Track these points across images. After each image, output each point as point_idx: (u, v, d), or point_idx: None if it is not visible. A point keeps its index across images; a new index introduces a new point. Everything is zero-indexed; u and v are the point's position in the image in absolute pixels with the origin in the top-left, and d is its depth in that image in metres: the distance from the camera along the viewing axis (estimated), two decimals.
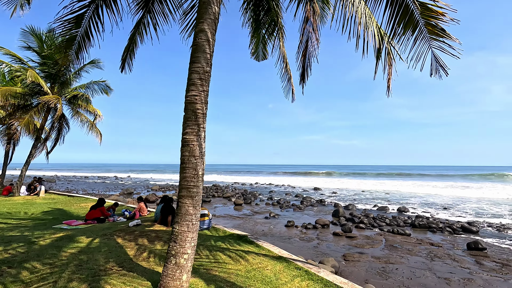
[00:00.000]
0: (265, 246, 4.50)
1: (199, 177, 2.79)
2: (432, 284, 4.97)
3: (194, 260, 3.44)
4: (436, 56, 3.20)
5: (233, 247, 4.35)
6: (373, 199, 17.37)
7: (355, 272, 5.56)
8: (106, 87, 14.58)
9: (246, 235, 5.01)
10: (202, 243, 4.59)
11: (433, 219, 10.67)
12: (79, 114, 14.76)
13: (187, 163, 2.76)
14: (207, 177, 45.17)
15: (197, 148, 2.77)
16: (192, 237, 2.68)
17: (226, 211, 12.86)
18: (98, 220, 6.45)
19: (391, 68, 3.79)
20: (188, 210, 2.68)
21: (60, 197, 12.23)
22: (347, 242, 7.75)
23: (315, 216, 11.63)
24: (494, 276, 5.31)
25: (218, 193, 19.65)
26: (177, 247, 2.61)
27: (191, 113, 2.80)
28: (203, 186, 2.85)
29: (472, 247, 6.90)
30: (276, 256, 3.99)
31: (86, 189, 23.85)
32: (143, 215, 7.54)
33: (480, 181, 32.80)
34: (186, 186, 2.75)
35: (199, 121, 2.81)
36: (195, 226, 2.72)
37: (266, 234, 8.60)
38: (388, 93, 3.85)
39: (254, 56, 6.18)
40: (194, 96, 2.81)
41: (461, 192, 19.88)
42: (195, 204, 2.73)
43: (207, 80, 2.91)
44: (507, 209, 12.68)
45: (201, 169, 2.81)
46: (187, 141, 2.78)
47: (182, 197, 2.74)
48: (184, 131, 2.82)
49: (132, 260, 3.56)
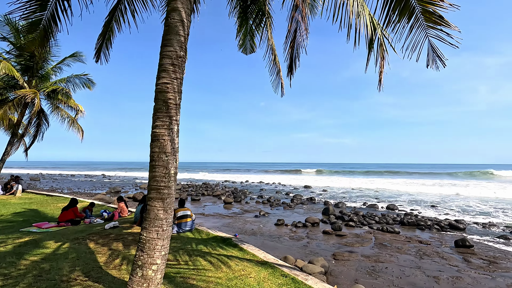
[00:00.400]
0: (249, 250, 4.25)
1: (171, 177, 2.47)
2: (422, 283, 4.90)
3: (171, 267, 3.14)
4: (433, 45, 3.00)
5: (216, 252, 4.07)
6: (363, 196, 17.49)
7: (345, 271, 5.43)
8: (88, 80, 13.82)
9: (230, 237, 4.74)
10: (183, 247, 4.30)
11: (421, 216, 10.76)
12: (59, 110, 13.96)
13: (157, 160, 2.43)
14: (197, 176, 44.53)
15: (169, 144, 2.44)
16: (163, 245, 2.36)
17: (215, 210, 12.56)
18: (72, 222, 5.97)
19: (384, 61, 3.58)
20: (158, 214, 2.36)
21: (38, 197, 11.52)
22: (337, 240, 7.65)
23: (305, 214, 11.51)
24: (482, 273, 5.30)
25: (208, 191, 19.27)
26: (145, 256, 2.28)
27: (162, 104, 2.47)
28: (176, 186, 2.51)
29: (459, 244, 6.93)
30: (261, 261, 3.73)
31: (72, 187, 22.91)
32: (124, 216, 7.11)
33: (466, 178, 33.89)
34: (156, 186, 2.42)
35: (171, 112, 2.48)
36: (166, 232, 2.40)
37: (255, 233, 8.39)
38: (380, 86, 3.64)
39: (241, 49, 5.87)
40: (165, 84, 2.47)
41: (448, 189, 20.34)
42: (166, 207, 2.41)
43: (181, 66, 2.57)
44: (492, 206, 13.00)
45: (174, 168, 2.49)
46: (157, 135, 2.45)
47: (152, 199, 2.42)
48: (154, 124, 2.48)
49: (101, 268, 3.20)
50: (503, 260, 6.01)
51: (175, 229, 5.65)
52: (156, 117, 2.48)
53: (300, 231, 8.61)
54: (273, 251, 6.60)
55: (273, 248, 6.86)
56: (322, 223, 9.73)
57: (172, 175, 2.48)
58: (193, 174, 48.00)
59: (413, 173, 45.34)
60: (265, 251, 6.60)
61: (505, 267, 5.59)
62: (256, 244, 7.16)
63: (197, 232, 5.60)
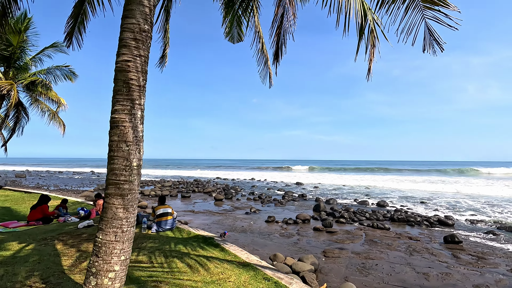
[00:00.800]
0: (231, 251, 3.98)
1: (133, 170, 2.15)
2: (412, 280, 4.82)
3: (143, 270, 2.84)
4: (430, 28, 2.77)
5: (195, 252, 3.79)
6: (354, 193, 17.54)
7: (335, 269, 5.29)
8: (70, 72, 13.04)
9: (212, 237, 4.46)
10: (160, 247, 4.01)
11: (411, 213, 10.80)
12: (39, 102, 13.20)
13: (116, 150, 2.11)
14: (188, 172, 43.95)
15: (130, 131, 2.12)
16: (122, 249, 2.05)
17: (205, 207, 12.30)
18: (44, 220, 5.52)
19: (374, 49, 3.35)
20: (117, 213, 2.04)
21: (16, 194, 10.90)
22: (327, 237, 7.54)
23: (296, 211, 11.38)
24: (471, 269, 5.26)
25: (199, 188, 18.94)
26: (100, 262, 1.96)
27: (122, 85, 2.13)
28: (139, 181, 2.18)
29: (448, 240, 6.92)
30: (243, 262, 3.45)
31: (59, 184, 22.12)
32: None
33: (454, 175, 34.75)
34: (115, 181, 2.10)
35: (133, 95, 2.15)
36: (127, 233, 2.08)
37: (245, 230, 8.21)
38: (368, 76, 3.42)
39: (228, 38, 5.52)
40: (126, 62, 2.13)
41: (437, 186, 20.69)
42: (127, 204, 2.09)
43: (145, 42, 2.22)
44: (480, 203, 13.23)
45: (136, 159, 2.16)
46: (117, 121, 2.13)
47: (110, 195, 2.10)
48: (113, 108, 2.16)
49: (63, 273, 2.86)
50: (491, 255, 6.01)
51: (154, 227, 5.34)
52: (116, 101, 2.15)
53: (291, 228, 8.48)
54: (262, 249, 6.43)
55: (263, 246, 6.68)
56: (313, 219, 9.62)
57: (134, 168, 2.16)
58: (184, 171, 47.38)
59: (403, 170, 46.22)
60: (255, 248, 6.47)
61: (493, 263, 5.57)
62: (245, 241, 6.96)
63: (178, 231, 5.31)
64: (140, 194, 15.81)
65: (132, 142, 2.13)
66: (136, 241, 4.43)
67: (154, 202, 13.30)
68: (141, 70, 2.22)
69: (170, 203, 13.21)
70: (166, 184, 21.61)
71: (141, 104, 2.24)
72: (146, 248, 4.06)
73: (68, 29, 4.65)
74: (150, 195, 15.75)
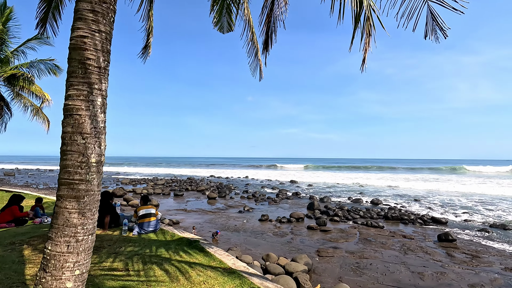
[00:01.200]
0: (217, 256, 3.70)
1: (91, 167, 1.83)
2: (406, 279, 4.69)
3: (116, 280, 2.54)
4: (432, 12, 2.52)
5: (177, 258, 3.50)
6: (348, 191, 17.51)
7: (329, 269, 5.13)
8: (55, 66, 12.41)
9: (197, 240, 4.16)
10: (139, 252, 3.72)
11: (405, 211, 10.76)
12: (21, 97, 12.56)
13: (70, 144, 1.77)
14: (182, 171, 43.40)
15: (87, 121, 1.80)
16: (77, 261, 1.72)
17: (198, 206, 12.04)
18: (16, 222, 5.11)
19: (370, 38, 3.11)
20: (70, 218, 1.72)
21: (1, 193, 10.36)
22: (321, 236, 7.40)
23: (290, 209, 11.22)
24: (466, 268, 5.16)
25: (192, 186, 18.60)
26: (48, 279, 1.63)
27: (78, 65, 1.80)
28: (100, 180, 1.85)
29: (442, 238, 6.84)
30: (228, 269, 3.15)
31: (48, 183, 21.47)
32: None
33: (446, 173, 35.28)
34: (68, 180, 1.77)
35: (91, 78, 1.82)
36: (84, 243, 1.77)
37: (238, 229, 8.00)
38: (363, 67, 3.18)
39: (217, 27, 5.18)
40: (82, 39, 1.79)
41: (430, 184, 20.84)
42: (84, 208, 1.78)
43: (107, 15, 1.88)
44: (472, 201, 13.31)
45: (96, 155, 1.84)
46: (70, 109, 1.80)
47: (61, 198, 1.77)
48: (67, 93, 1.83)
49: (25, 284, 2.54)
50: (485, 254, 5.94)
51: (136, 229, 4.98)
52: (69, 85, 1.82)
53: (285, 227, 8.32)
54: (255, 248, 6.23)
55: (256, 245, 6.49)
56: (307, 218, 9.47)
57: (92, 165, 1.83)
58: (177, 169, 46.82)
59: (396, 168, 46.77)
60: (247, 248, 6.26)
61: (487, 261, 5.49)
62: (238, 241, 6.75)
63: (162, 233, 4.99)
64: (131, 193, 15.40)
65: (89, 134, 1.81)
66: (114, 245, 4.17)
67: None
68: (101, 48, 1.87)
69: (163, 201, 12.88)
70: (158, 183, 21.16)
71: (101, 89, 1.90)
72: (124, 253, 3.79)
73: (40, 14, 4.24)
74: (142, 193, 15.35)
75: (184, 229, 7.76)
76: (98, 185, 1.90)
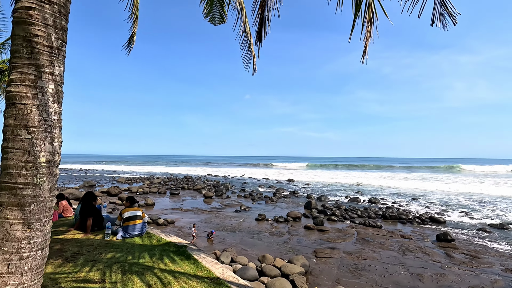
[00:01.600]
0: (204, 264, 3.48)
1: (40, 168, 1.53)
2: (406, 282, 4.59)
3: None
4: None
5: (161, 266, 3.21)
6: (346, 190, 17.46)
7: (326, 270, 5.02)
8: None
9: (185, 244, 3.90)
10: (121, 259, 3.47)
11: (403, 210, 10.70)
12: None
13: (13, 140, 1.48)
14: (179, 169, 43.08)
15: (35, 112, 1.51)
16: (21, 283, 1.44)
17: (194, 205, 11.88)
18: None
19: (371, 27, 2.94)
20: (12, 231, 1.42)
21: None
22: (318, 236, 7.30)
23: (287, 208, 11.11)
24: (466, 270, 5.08)
25: (189, 185, 18.43)
26: None
27: (22, 44, 1.50)
28: (54, 184, 1.65)
29: (441, 238, 6.78)
30: (216, 279, 2.97)
31: None
32: (67, 217, 6.04)
33: (442, 172, 35.42)
34: (10, 184, 1.48)
35: (40, 60, 1.52)
36: (30, 261, 1.46)
37: (234, 229, 7.87)
38: (363, 58, 3.01)
39: (209, 18, 4.96)
40: (27, 11, 1.48)
41: (427, 183, 20.85)
42: (30, 218, 1.48)
43: None
44: (470, 200, 13.32)
45: (46, 153, 1.54)
46: (13, 97, 1.50)
47: (2, 205, 1.48)
48: (10, 78, 1.54)
49: None
50: (485, 254, 5.87)
51: (120, 233, 4.64)
52: (12, 67, 1.52)
53: (281, 226, 8.21)
54: (251, 249, 6.11)
55: (252, 246, 6.37)
56: (304, 217, 9.37)
57: (42, 165, 1.52)
58: (174, 168, 46.51)
59: (393, 167, 46.93)
60: (243, 248, 6.11)
61: (487, 262, 5.42)
62: (234, 241, 6.61)
63: (148, 237, 4.69)
64: (127, 192, 15.10)
65: (37, 127, 1.50)
66: (95, 251, 3.87)
67: (142, 199, 12.72)
68: (53, 24, 1.55)
69: (158, 200, 12.69)
70: (155, 181, 20.93)
71: (54, 73, 1.58)
72: (104, 260, 3.47)
73: None
74: (138, 192, 15.13)
75: (179, 229, 7.62)
76: (51, 189, 1.63)
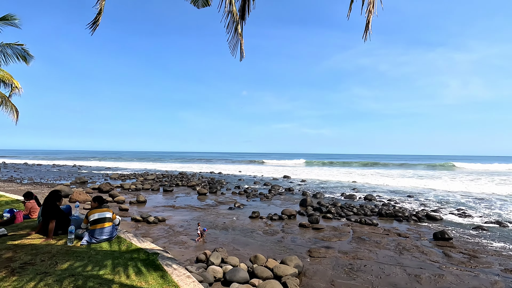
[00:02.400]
0: (173, 278, 2.95)
1: None
2: (403, 283, 4.39)
3: None
4: None
5: (122, 279, 2.79)
6: (341, 187, 17.34)
7: (320, 271, 4.79)
8: (24, 52, 11.33)
9: (157, 252, 3.51)
10: (77, 271, 2.96)
11: (399, 207, 10.57)
12: None
13: None
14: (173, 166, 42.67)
15: None
16: None
17: (187, 202, 11.61)
18: None
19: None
20: None
21: None
22: (313, 234, 7.09)
23: (282, 205, 10.89)
24: (464, 270, 4.91)
25: (183, 182, 18.12)
26: None
27: None
28: None
29: (438, 237, 6.61)
30: None
31: (33, 177, 20.62)
32: (34, 218, 5.59)
33: (438, 170, 35.64)
34: None
35: None
36: None
37: (227, 227, 7.62)
38: (366, 34, 2.61)
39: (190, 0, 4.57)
40: None
41: (423, 181, 20.90)
42: None
43: None
44: (466, 198, 13.30)
45: None
46: None
47: None
48: None
49: None
50: (483, 253, 5.72)
51: (85, 238, 4.10)
52: None
53: (276, 224, 7.99)
54: (243, 248, 5.87)
55: (244, 245, 6.13)
56: (299, 215, 9.16)
57: None
58: (170, 164, 46.07)
59: (389, 164, 47.15)
60: (235, 248, 5.84)
61: (485, 262, 5.26)
62: (226, 240, 6.35)
63: (117, 242, 4.26)
64: (119, 188, 14.66)
65: None
66: (50, 260, 3.32)
67: (133, 196, 12.36)
68: None
69: (151, 197, 12.33)
70: (148, 178, 20.54)
71: None
72: (57, 272, 2.92)
73: None
74: (131, 189, 14.76)
75: (170, 227, 7.31)
76: None
